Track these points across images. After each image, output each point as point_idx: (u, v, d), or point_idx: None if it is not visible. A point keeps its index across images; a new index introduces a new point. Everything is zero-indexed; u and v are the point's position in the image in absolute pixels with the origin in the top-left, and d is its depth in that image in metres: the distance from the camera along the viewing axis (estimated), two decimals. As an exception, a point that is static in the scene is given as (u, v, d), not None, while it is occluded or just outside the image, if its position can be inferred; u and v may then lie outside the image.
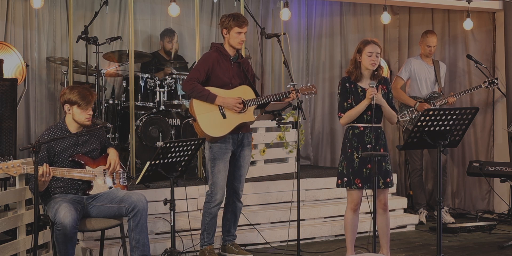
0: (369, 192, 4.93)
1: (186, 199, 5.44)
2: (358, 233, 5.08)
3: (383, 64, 7.65)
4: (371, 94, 4.68)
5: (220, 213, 5.30)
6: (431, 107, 6.67)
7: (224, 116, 5.06)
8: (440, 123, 4.38)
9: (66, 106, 4.49)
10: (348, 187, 4.79)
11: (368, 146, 4.79)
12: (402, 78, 7.00)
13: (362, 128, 4.81)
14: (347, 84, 4.82)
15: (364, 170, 4.77)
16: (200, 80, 5.04)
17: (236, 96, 5.12)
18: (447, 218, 6.89)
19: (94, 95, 4.56)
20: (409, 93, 7.01)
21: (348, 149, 4.80)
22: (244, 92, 5.17)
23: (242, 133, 5.20)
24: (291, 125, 5.42)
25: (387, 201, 4.92)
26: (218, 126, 5.04)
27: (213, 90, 5.05)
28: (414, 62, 7.01)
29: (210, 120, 5.03)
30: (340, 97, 4.83)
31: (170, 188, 4.32)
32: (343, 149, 4.86)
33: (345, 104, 4.81)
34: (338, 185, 4.86)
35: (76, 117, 4.49)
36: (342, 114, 4.79)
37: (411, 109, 6.79)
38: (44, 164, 4.24)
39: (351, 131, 4.83)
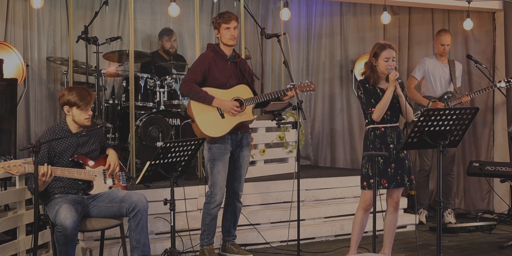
0: (378, 191, 4.95)
1: (185, 199, 5.44)
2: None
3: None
4: (396, 75, 4.69)
5: (220, 213, 5.30)
6: (443, 107, 6.63)
7: (222, 116, 5.05)
8: (440, 123, 4.38)
9: (66, 108, 4.49)
10: (377, 189, 4.78)
11: (390, 146, 4.81)
12: (415, 77, 6.97)
13: (383, 129, 4.82)
14: (367, 85, 4.82)
15: (389, 169, 4.79)
16: (197, 81, 5.04)
17: (233, 95, 5.12)
18: (448, 218, 6.88)
19: (92, 95, 4.55)
20: (424, 93, 6.98)
21: (371, 150, 4.79)
22: (242, 91, 5.17)
23: (241, 133, 5.19)
24: (291, 125, 5.43)
25: (399, 200, 4.93)
26: (217, 126, 5.04)
27: (210, 90, 5.04)
28: (428, 61, 6.97)
29: (209, 120, 5.02)
30: (365, 95, 4.80)
31: (170, 188, 4.32)
32: (365, 150, 4.84)
33: (372, 100, 4.79)
34: (364, 188, 4.83)
35: (76, 118, 4.49)
36: (373, 109, 4.76)
37: (424, 109, 6.77)
38: (45, 164, 4.24)
39: (372, 133, 4.82)
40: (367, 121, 4.87)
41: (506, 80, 6.82)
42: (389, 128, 4.83)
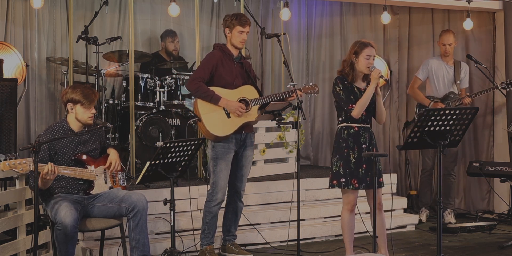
0: (362, 192, 4.95)
1: (190, 199, 5.45)
2: (356, 233, 5.08)
3: (383, 64, 7.65)
4: (379, 73, 4.68)
5: (221, 212, 5.30)
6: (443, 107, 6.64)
7: (228, 115, 5.07)
8: (440, 123, 4.38)
9: (69, 105, 4.49)
10: (346, 188, 4.79)
11: (363, 146, 4.81)
12: (419, 78, 7.00)
13: (357, 128, 4.82)
14: (345, 82, 4.82)
15: (360, 170, 4.78)
16: (205, 80, 5.06)
17: (239, 95, 5.14)
18: (448, 218, 6.88)
19: (96, 94, 4.59)
20: (428, 93, 7.01)
21: (344, 149, 4.80)
22: (248, 91, 5.19)
23: (245, 133, 5.22)
24: (291, 125, 5.44)
25: (382, 201, 4.93)
26: (223, 125, 5.05)
27: (217, 90, 5.06)
28: (432, 62, 6.99)
29: (215, 119, 5.04)
30: (344, 92, 4.78)
31: (170, 188, 4.32)
32: (337, 149, 4.84)
33: (352, 97, 4.78)
34: (333, 186, 4.83)
35: (79, 116, 4.50)
36: (353, 105, 4.75)
37: (424, 108, 6.80)
38: (49, 162, 4.24)
39: (346, 131, 4.82)
40: (340, 119, 4.87)
41: (508, 82, 6.81)
42: (362, 128, 4.83)
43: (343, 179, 4.77)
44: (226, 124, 5.06)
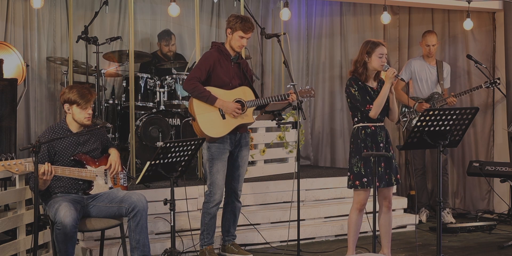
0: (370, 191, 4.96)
1: (186, 199, 5.44)
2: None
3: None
4: (394, 73, 4.71)
5: (220, 213, 5.30)
6: (428, 108, 6.67)
7: (223, 117, 5.06)
8: (440, 123, 4.38)
9: (66, 106, 4.49)
10: (368, 187, 4.79)
11: (380, 144, 4.82)
12: (402, 79, 6.99)
13: (373, 128, 4.83)
14: (360, 82, 4.83)
15: (379, 169, 4.79)
16: (201, 80, 5.05)
17: (235, 96, 5.13)
18: (447, 218, 6.88)
19: (93, 93, 4.56)
20: (411, 94, 7.02)
21: (363, 149, 4.79)
22: (244, 93, 5.18)
23: (239, 133, 5.20)
24: (291, 125, 5.43)
25: (391, 199, 4.94)
26: (217, 126, 5.04)
27: (213, 90, 5.05)
28: (414, 63, 7.02)
29: (210, 120, 5.03)
30: (360, 93, 4.79)
31: (170, 188, 4.32)
32: (356, 149, 4.82)
33: (367, 97, 4.79)
34: (356, 186, 4.81)
35: (76, 116, 4.49)
36: (371, 106, 4.76)
37: (411, 110, 6.82)
38: (46, 163, 4.24)
39: (363, 131, 4.82)
40: (356, 119, 4.87)
41: (491, 81, 6.82)
42: (378, 127, 4.85)
43: (365, 179, 4.78)
44: (220, 125, 5.05)
